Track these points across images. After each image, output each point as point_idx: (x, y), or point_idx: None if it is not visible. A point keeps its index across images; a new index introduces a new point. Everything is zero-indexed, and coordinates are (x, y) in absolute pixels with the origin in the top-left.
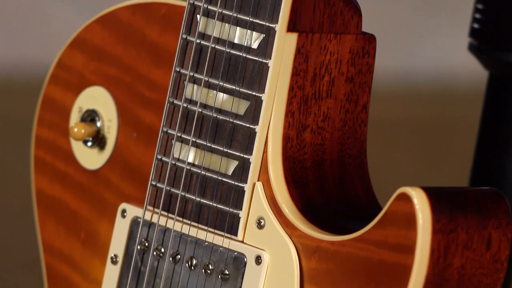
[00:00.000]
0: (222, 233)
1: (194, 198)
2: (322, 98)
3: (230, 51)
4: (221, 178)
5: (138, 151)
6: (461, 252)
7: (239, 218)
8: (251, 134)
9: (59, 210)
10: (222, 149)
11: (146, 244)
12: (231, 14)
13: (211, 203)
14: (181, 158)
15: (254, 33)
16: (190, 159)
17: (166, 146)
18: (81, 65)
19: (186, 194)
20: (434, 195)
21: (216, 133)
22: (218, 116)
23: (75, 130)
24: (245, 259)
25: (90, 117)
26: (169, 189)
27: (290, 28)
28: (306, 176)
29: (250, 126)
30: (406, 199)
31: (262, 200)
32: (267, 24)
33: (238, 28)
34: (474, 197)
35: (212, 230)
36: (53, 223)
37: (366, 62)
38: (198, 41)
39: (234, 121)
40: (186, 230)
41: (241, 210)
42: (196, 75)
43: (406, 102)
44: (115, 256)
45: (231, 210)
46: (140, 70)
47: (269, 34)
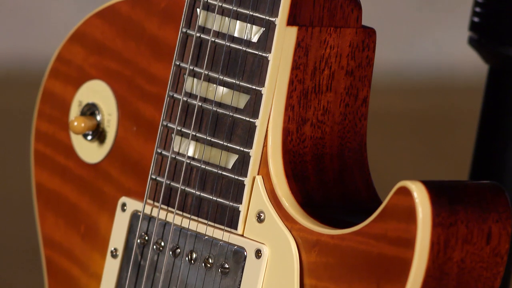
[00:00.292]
0: (222, 226)
1: (194, 192)
2: (322, 92)
3: (230, 45)
4: (221, 172)
5: (138, 145)
6: (461, 245)
7: (239, 212)
8: (251, 128)
9: (59, 204)
10: (222, 143)
11: (146, 238)
12: (231, 7)
13: (211, 197)
14: (181, 152)
15: (254, 26)
16: (190, 153)
17: (166, 139)
18: (81, 59)
19: (186, 188)
20: (434, 189)
21: (216, 127)
22: (218, 109)
23: (75, 124)
24: (245, 253)
25: (90, 110)
26: (169, 182)
27: (290, 21)
28: (306, 169)
29: (250, 119)
30: (406, 193)
31: (262, 193)
32: (267, 17)
33: (238, 21)
34: (474, 190)
35: (212, 224)
36: (53, 217)
37: (366, 56)
38: (198, 34)
39: (234, 114)
40: (186, 224)
41: (241, 203)
42: (196, 69)
43: (406, 96)
44: (115, 249)
45: (231, 204)
46: (140, 63)
47: (269, 28)
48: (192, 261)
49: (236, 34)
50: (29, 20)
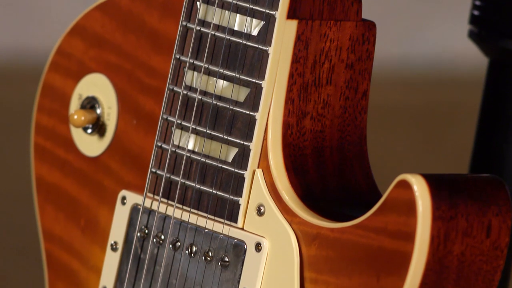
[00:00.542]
0: (222, 220)
1: (194, 185)
2: (322, 85)
3: (230, 38)
4: (221, 165)
5: (138, 138)
6: (461, 239)
7: (239, 205)
8: (251, 121)
9: (59, 197)
10: (222, 136)
11: (146, 231)
12: (231, 1)
13: (211, 190)
14: (181, 145)
15: (254, 20)
16: (190, 146)
17: (166, 133)
18: (81, 52)
19: (186, 181)
20: (434, 182)
21: (216, 120)
22: (218, 103)
23: (75, 117)
24: (245, 246)
25: (90, 104)
26: (169, 176)
27: (290, 15)
28: (306, 163)
29: (250, 113)
30: (406, 186)
31: (262, 187)
32: (267, 11)
33: (238, 15)
34: (474, 184)
35: (212, 217)
36: (53, 210)
37: (366, 49)
38: (198, 28)
39: (234, 108)
40: (186, 217)
41: (241, 197)
42: (196, 62)
43: (406, 89)
44: (115, 243)
45: (231, 197)
46: (140, 57)
47: (269, 21)
48: (192, 254)
49: (236, 28)
50: (29, 13)
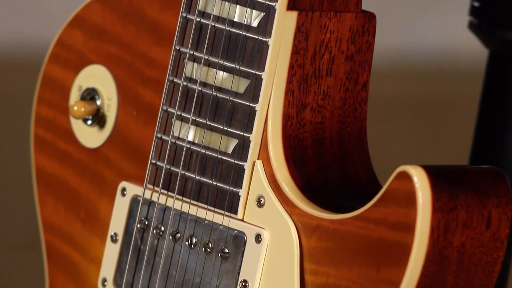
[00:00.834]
0: (222, 211)
1: (194, 176)
2: (322, 76)
3: (230, 30)
4: (221, 157)
5: (138, 130)
6: (461, 230)
7: (239, 196)
8: (251, 113)
9: (59, 189)
10: (222, 127)
11: (146, 222)
12: None
13: (211, 182)
14: (181, 136)
15: (254, 11)
16: (190, 138)
17: (166, 124)
18: (81, 43)
19: (186, 173)
20: (434, 174)
21: (216, 111)
22: (218, 94)
23: (75, 108)
24: (245, 238)
25: (90, 95)
26: (169, 167)
27: (290, 6)
28: (306, 154)
29: (250, 104)
30: (406, 178)
31: (262, 178)
32: (267, 2)
33: (238, 6)
34: (474, 175)
35: (212, 208)
36: (53, 202)
37: (366, 41)
38: (198, 19)
39: (234, 99)
40: (186, 208)
41: (241, 188)
42: (196, 54)
43: (406, 81)
44: (115, 234)
45: (231, 188)
46: (140, 48)
47: (269, 13)
48: (192, 245)
49: (236, 19)
50: (29, 5)
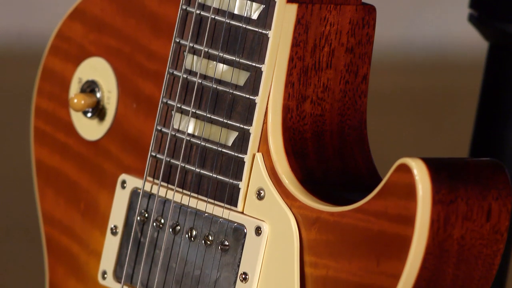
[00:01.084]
0: (222, 204)
1: (194, 169)
2: (322, 69)
3: (230, 22)
4: (221, 149)
5: (138, 122)
6: (461, 223)
7: (239, 189)
8: (251, 105)
9: (59, 181)
10: (222, 120)
11: (146, 215)
12: None
13: (211, 174)
14: (181, 129)
15: (254, 3)
16: (190, 130)
17: (166, 117)
18: (80, 36)
19: (186, 165)
20: (434, 166)
21: (216, 104)
22: (218, 87)
23: (75, 101)
24: (245, 230)
25: (90, 88)
26: (169, 160)
27: None
28: (306, 147)
29: (250, 97)
30: (406, 170)
31: (262, 171)
32: None
33: None
34: (474, 168)
35: (212, 201)
36: (53, 194)
37: (366, 33)
38: (198, 11)
39: (234, 92)
40: (186, 201)
41: (241, 181)
42: (196, 46)
43: (406, 73)
44: (115, 227)
45: (231, 181)
46: (139, 40)
47: (269, 5)
48: (192, 238)
49: (236, 11)
50: None
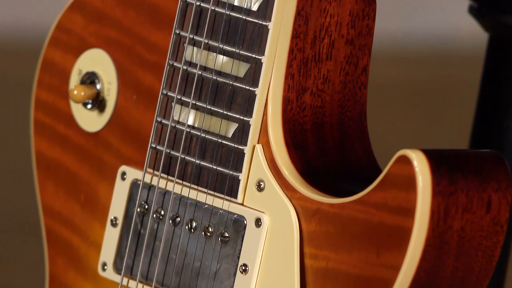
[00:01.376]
0: (222, 195)
1: (194, 160)
2: (322, 60)
3: (230, 13)
4: (221, 141)
5: (138, 114)
6: (461, 214)
7: (239, 180)
8: (251, 97)
9: (59, 173)
10: (222, 111)
11: (146, 206)
12: None
13: (211, 166)
14: (181, 120)
15: None
16: (190, 122)
17: (166, 108)
18: (80, 27)
19: (186, 157)
20: (434, 158)
21: (216, 95)
22: (218, 78)
23: (75, 92)
24: (245, 222)
25: (90, 79)
26: (169, 151)
27: None
28: (306, 138)
29: (250, 88)
30: (406, 162)
31: (262, 162)
32: None
33: None
34: (474, 159)
35: (212, 192)
36: (53, 186)
37: (366, 25)
38: (198, 3)
39: (234, 83)
40: (186, 192)
41: (241, 172)
42: (196, 38)
43: (406, 65)
44: (115, 218)
45: (231, 172)
46: (139, 32)
47: None
48: (192, 229)
49: (236, 3)
50: None
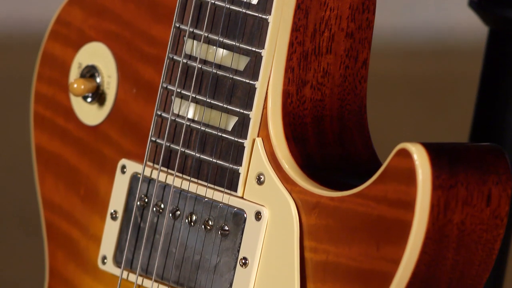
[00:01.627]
0: (222, 189)
1: (194, 154)
2: (322, 54)
3: (230, 7)
4: (221, 134)
5: (138, 107)
6: (461, 208)
7: (239, 174)
8: (251, 90)
9: (59, 166)
10: (222, 105)
11: (146, 200)
12: None
13: (211, 159)
14: (180, 114)
15: None
16: (190, 115)
17: (166, 102)
18: (80, 21)
19: (186, 150)
20: (434, 151)
21: (216, 89)
22: (218, 72)
23: (75, 86)
24: (244, 215)
25: (90, 73)
26: (168, 145)
27: None
28: (306, 132)
29: (250, 82)
30: (406, 155)
31: (262, 156)
32: None
33: None
34: (474, 153)
35: (212, 186)
36: (52, 179)
37: (366, 18)
38: None
39: (234, 77)
40: (185, 186)
41: (241, 166)
42: (196, 31)
43: (406, 59)
44: (115, 212)
45: (231, 166)
46: (139, 25)
47: None
48: (192, 223)
49: None
50: None
